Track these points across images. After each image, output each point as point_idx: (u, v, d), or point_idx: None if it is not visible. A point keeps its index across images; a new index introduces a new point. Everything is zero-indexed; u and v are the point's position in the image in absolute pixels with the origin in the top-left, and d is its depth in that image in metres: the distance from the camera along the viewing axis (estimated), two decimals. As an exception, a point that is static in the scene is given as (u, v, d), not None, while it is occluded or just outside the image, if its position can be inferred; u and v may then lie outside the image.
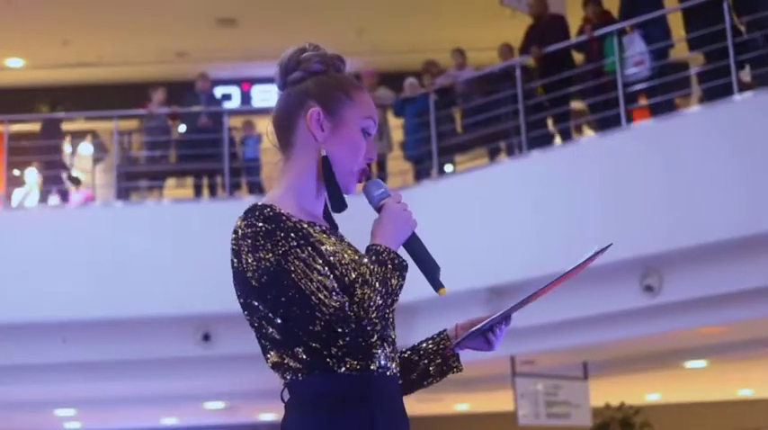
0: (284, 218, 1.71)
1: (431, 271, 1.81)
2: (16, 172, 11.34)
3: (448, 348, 1.92)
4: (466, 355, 1.97)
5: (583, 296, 7.28)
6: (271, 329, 1.73)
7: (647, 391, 13.95)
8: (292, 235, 1.70)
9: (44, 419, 12.02)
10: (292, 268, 1.68)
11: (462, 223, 8.28)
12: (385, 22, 12.92)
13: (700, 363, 10.77)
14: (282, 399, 1.77)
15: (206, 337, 9.00)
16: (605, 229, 7.59)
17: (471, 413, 15.42)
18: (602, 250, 1.80)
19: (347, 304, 1.68)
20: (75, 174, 10.47)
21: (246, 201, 9.42)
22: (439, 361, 1.93)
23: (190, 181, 10.59)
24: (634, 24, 8.09)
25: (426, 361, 1.94)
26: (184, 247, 8.90)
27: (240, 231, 1.72)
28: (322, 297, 1.67)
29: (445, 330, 1.96)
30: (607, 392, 11.09)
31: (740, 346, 9.39)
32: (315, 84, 1.84)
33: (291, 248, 1.69)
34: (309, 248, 1.70)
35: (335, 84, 1.84)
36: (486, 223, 8.29)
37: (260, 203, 1.73)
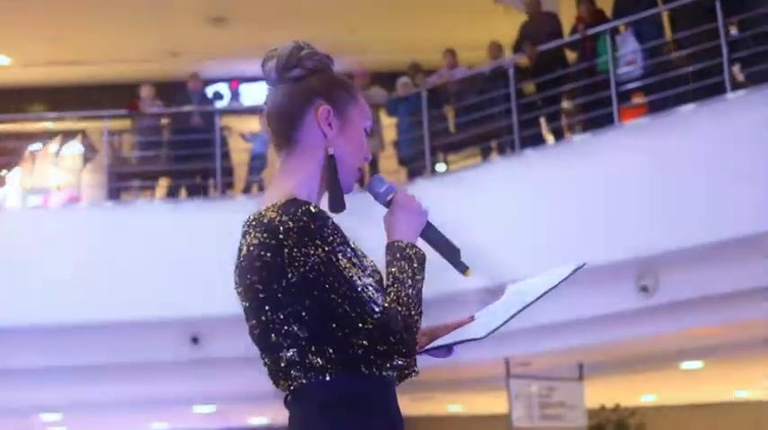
0: (326, 215, 1.71)
1: (452, 255, 1.82)
2: (2, 172, 11.21)
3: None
4: (461, 356, 1.94)
5: (578, 297, 7.21)
6: (297, 326, 1.68)
7: (642, 393, 13.90)
8: (336, 232, 1.70)
9: (29, 424, 11.89)
10: (343, 265, 1.67)
11: (454, 222, 8.16)
12: (377, 21, 12.85)
13: (695, 364, 10.72)
14: (299, 400, 1.70)
15: (194, 340, 8.91)
16: (600, 229, 7.54)
17: (465, 415, 15.34)
18: (578, 268, 1.81)
19: (393, 303, 1.68)
20: (61, 174, 10.36)
21: (238, 200, 9.34)
22: None
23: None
24: (628, 23, 8.03)
25: None
26: (173, 249, 8.79)
27: (282, 226, 1.67)
28: (371, 294, 1.68)
29: None
30: (602, 394, 11.02)
31: (736, 347, 9.36)
32: (320, 81, 1.84)
33: (338, 246, 1.69)
34: (349, 248, 1.72)
35: (340, 83, 1.87)
36: (478, 222, 8.20)
37: (299, 199, 1.71)
